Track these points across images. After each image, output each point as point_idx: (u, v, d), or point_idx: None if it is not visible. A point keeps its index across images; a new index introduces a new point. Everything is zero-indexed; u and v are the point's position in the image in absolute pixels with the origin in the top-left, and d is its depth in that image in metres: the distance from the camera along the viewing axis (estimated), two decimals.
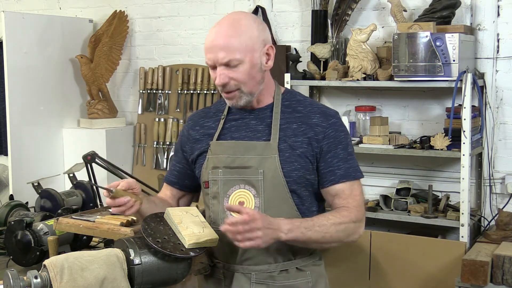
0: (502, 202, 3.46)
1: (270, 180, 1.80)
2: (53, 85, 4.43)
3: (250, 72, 1.78)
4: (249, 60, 1.77)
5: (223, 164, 1.85)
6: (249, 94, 1.82)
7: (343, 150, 1.83)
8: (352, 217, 1.79)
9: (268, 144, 1.82)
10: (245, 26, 1.78)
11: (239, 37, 1.76)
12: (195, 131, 1.97)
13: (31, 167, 4.20)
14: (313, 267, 1.90)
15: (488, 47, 3.46)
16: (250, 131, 1.87)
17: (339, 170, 1.82)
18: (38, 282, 1.64)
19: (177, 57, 4.51)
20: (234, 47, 1.76)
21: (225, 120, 1.91)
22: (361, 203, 1.85)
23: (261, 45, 1.80)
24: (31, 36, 4.25)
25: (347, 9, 3.72)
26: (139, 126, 4.57)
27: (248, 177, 1.82)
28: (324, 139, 1.82)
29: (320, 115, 1.85)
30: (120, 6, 4.61)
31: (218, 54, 1.77)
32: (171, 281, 1.82)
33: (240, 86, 1.80)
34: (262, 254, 1.83)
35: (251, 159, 1.82)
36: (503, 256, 2.86)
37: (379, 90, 3.74)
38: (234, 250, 1.84)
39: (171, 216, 1.85)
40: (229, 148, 1.86)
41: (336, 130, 1.84)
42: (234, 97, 1.83)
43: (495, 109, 3.47)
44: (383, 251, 3.33)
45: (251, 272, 1.85)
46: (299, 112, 1.86)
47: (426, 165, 3.66)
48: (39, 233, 2.54)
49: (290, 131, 1.83)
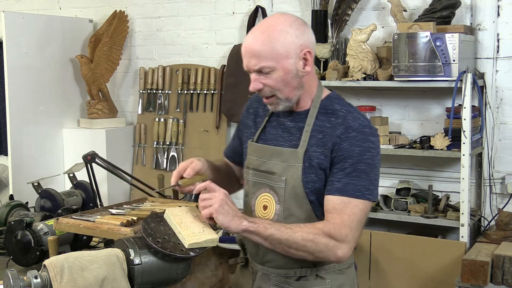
0: (502, 202, 3.46)
1: (291, 189, 1.79)
2: (53, 85, 4.43)
3: (284, 78, 1.75)
4: (282, 67, 1.74)
5: (252, 166, 1.89)
6: (286, 100, 1.80)
7: (351, 166, 1.73)
8: (325, 230, 1.68)
9: (294, 151, 1.80)
10: (278, 32, 1.74)
11: (270, 44, 1.73)
12: (248, 114, 2.00)
13: (31, 167, 4.20)
14: (336, 275, 1.85)
15: (488, 47, 3.46)
16: (285, 133, 1.86)
17: (338, 183, 1.73)
18: (38, 282, 1.64)
19: (177, 57, 4.51)
20: (265, 55, 1.73)
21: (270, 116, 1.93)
22: (348, 223, 1.69)
23: (297, 50, 1.75)
24: (31, 36, 4.25)
25: (347, 9, 3.72)
26: (139, 126, 4.57)
27: (272, 183, 1.83)
28: (337, 150, 1.75)
29: (343, 127, 1.77)
30: (120, 6, 4.61)
31: (250, 61, 1.76)
32: (171, 281, 1.82)
33: (275, 92, 1.78)
34: (280, 258, 1.82)
35: (276, 165, 1.82)
36: (503, 256, 2.86)
37: (379, 90, 3.74)
38: (256, 250, 1.89)
39: (171, 216, 1.85)
40: (258, 151, 1.88)
41: (351, 144, 1.74)
42: (272, 103, 1.82)
43: (495, 109, 3.47)
44: (383, 251, 3.33)
45: (271, 274, 1.87)
46: (330, 122, 1.80)
47: (426, 165, 3.66)
48: (39, 233, 2.53)
49: (314, 140, 1.79)
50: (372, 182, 1.74)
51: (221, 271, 2.45)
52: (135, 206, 2.67)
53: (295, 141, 1.82)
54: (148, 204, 2.74)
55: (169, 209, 1.88)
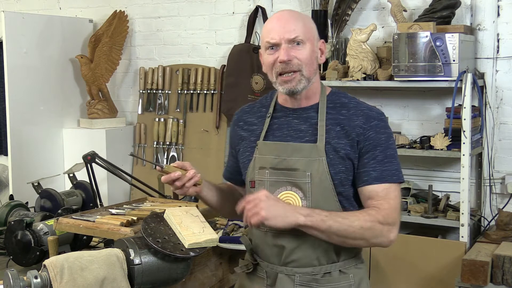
0: (502, 202, 3.46)
1: (318, 183, 1.79)
2: (53, 85, 4.43)
3: (311, 55, 1.82)
4: (311, 44, 1.82)
5: (269, 165, 1.85)
6: (307, 78, 1.82)
7: (381, 153, 1.80)
8: (379, 217, 1.74)
9: (314, 146, 1.80)
10: (305, 16, 1.88)
11: (303, 21, 1.83)
12: (240, 127, 1.98)
13: (31, 167, 4.20)
14: (356, 269, 1.88)
15: (488, 47, 3.46)
16: (292, 131, 1.86)
17: (374, 171, 1.79)
18: (38, 282, 1.64)
19: (177, 57, 4.51)
20: (300, 27, 1.80)
21: (270, 117, 1.91)
22: (396, 207, 1.79)
23: (318, 39, 1.86)
24: (31, 36, 4.25)
25: (347, 9, 3.72)
26: (139, 126, 4.57)
27: (295, 180, 1.81)
28: (364, 140, 1.80)
29: (363, 117, 1.82)
30: (120, 6, 4.61)
31: (286, 30, 1.79)
32: (171, 281, 1.82)
33: (302, 67, 1.80)
34: (307, 256, 1.82)
35: (298, 161, 1.81)
36: (503, 256, 2.86)
37: (379, 90, 3.74)
38: (279, 252, 1.84)
39: (171, 216, 1.85)
40: (276, 149, 1.85)
41: (377, 132, 1.81)
42: (293, 80, 1.82)
43: (495, 109, 3.47)
44: (383, 251, 3.33)
45: (295, 274, 1.84)
46: (342, 115, 1.84)
47: (426, 165, 3.66)
48: (39, 233, 2.53)
49: (334, 133, 1.82)
50: (399, 165, 1.84)
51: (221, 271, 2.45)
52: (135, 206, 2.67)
53: (308, 137, 1.83)
54: (148, 204, 2.74)
55: (169, 209, 1.88)
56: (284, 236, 1.81)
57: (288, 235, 1.80)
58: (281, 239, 1.82)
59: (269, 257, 1.87)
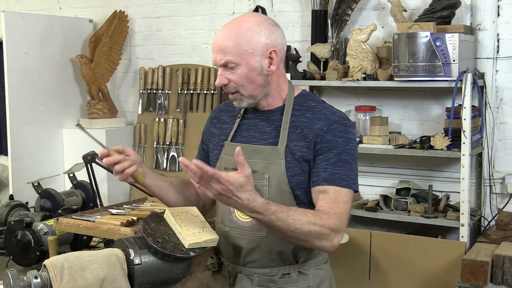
0: (502, 202, 3.46)
1: (275, 186, 1.80)
2: (53, 85, 4.43)
3: (248, 75, 1.79)
4: (246, 63, 1.78)
5: (232, 166, 1.83)
6: (249, 97, 1.82)
7: (335, 156, 1.77)
8: (330, 223, 1.69)
9: (275, 148, 1.81)
10: (246, 29, 1.78)
11: (236, 40, 1.77)
12: (213, 124, 2.00)
13: (31, 167, 4.20)
14: (316, 270, 1.89)
15: (488, 47, 3.46)
16: (258, 132, 1.87)
17: (324, 173, 1.76)
18: (38, 282, 1.64)
19: (177, 57, 4.51)
20: (230, 50, 1.77)
21: (241, 118, 1.93)
22: (345, 212, 1.74)
23: (263, 49, 1.78)
24: (31, 36, 4.25)
25: (347, 9, 3.72)
26: (139, 126, 4.57)
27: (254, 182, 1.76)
28: (321, 142, 1.79)
29: (324, 121, 1.81)
30: (120, 6, 4.61)
31: (217, 55, 1.80)
32: (171, 281, 1.82)
33: (239, 88, 1.81)
34: (264, 257, 1.83)
35: (257, 163, 1.82)
36: (503, 256, 2.86)
37: (379, 90, 3.74)
38: (238, 251, 1.86)
39: (171, 216, 1.85)
40: None
41: (334, 135, 1.79)
42: (235, 99, 1.85)
43: (495, 109, 3.47)
44: (383, 251, 3.33)
45: (254, 274, 1.85)
46: (306, 117, 1.84)
47: (426, 165, 3.66)
48: (39, 233, 2.54)
49: (294, 135, 1.82)
50: (354, 172, 1.79)
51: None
52: (135, 206, 2.68)
53: (271, 139, 1.84)
54: (148, 204, 2.74)
55: (169, 209, 1.88)
56: (242, 237, 1.83)
57: (246, 236, 1.82)
58: (239, 240, 1.84)
59: (229, 257, 1.90)
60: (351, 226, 3.65)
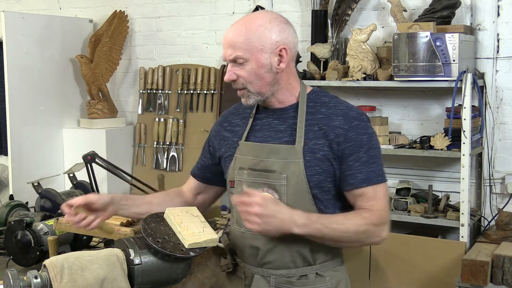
0: (502, 202, 3.46)
1: (294, 185, 1.78)
2: (53, 85, 4.43)
3: (257, 72, 1.78)
4: (256, 60, 1.77)
5: (248, 166, 1.84)
6: (257, 94, 1.82)
7: (365, 154, 1.78)
8: (373, 219, 1.75)
9: (292, 147, 1.79)
10: (256, 25, 1.78)
11: (246, 35, 1.77)
12: (223, 127, 1.98)
13: (31, 167, 4.20)
14: (333, 272, 1.87)
15: (488, 47, 3.46)
16: (273, 131, 1.85)
17: (360, 174, 1.77)
18: (38, 282, 1.64)
19: (177, 57, 4.51)
20: (240, 45, 1.77)
21: (253, 118, 1.91)
22: (385, 206, 1.80)
23: (273, 46, 1.78)
24: (31, 36, 4.25)
25: (347, 9, 3.72)
26: (139, 126, 4.57)
27: (271, 181, 1.80)
28: (345, 142, 1.77)
29: (342, 117, 1.80)
30: (120, 6, 4.61)
31: (227, 50, 1.80)
32: (171, 281, 1.82)
33: (247, 85, 1.81)
34: (282, 258, 1.82)
35: (275, 163, 1.80)
36: (503, 256, 2.86)
37: (379, 90, 3.74)
38: (255, 252, 1.84)
39: (171, 216, 1.85)
40: (254, 150, 1.84)
41: (358, 133, 1.78)
42: (243, 96, 1.84)
43: (495, 109, 3.47)
44: (383, 251, 3.33)
45: (271, 275, 1.84)
46: (321, 113, 1.82)
47: (426, 165, 3.66)
48: (39, 233, 2.54)
49: (311, 133, 1.80)
50: (382, 165, 1.83)
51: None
52: None
53: (287, 137, 1.82)
54: None
55: (169, 209, 1.88)
56: (259, 238, 1.81)
57: (263, 237, 1.80)
58: (256, 241, 1.83)
59: (246, 258, 1.88)
60: None
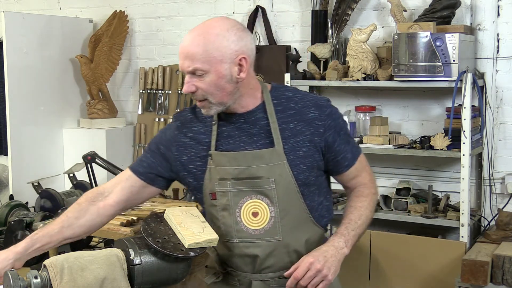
0: (502, 202, 3.46)
1: (283, 187, 1.77)
2: (53, 85, 4.43)
3: (217, 83, 1.73)
4: (215, 71, 1.71)
5: (231, 176, 1.79)
6: (219, 104, 1.76)
7: (344, 135, 1.88)
8: (372, 190, 1.92)
9: (274, 150, 1.77)
10: (214, 36, 1.71)
11: (205, 46, 1.70)
12: (183, 133, 1.89)
13: (31, 167, 4.20)
14: None
15: (488, 47, 3.46)
16: (245, 136, 1.81)
17: (348, 153, 1.88)
18: (38, 282, 1.64)
19: (177, 57, 4.45)
20: (198, 57, 1.71)
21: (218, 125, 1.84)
22: (370, 170, 1.96)
23: (232, 56, 1.72)
24: (31, 36, 4.25)
25: (347, 9, 3.72)
26: (139, 126, 4.57)
27: (259, 188, 1.78)
28: (326, 131, 1.81)
29: (315, 108, 1.81)
30: (120, 6, 4.61)
31: (184, 62, 1.74)
32: (171, 281, 1.82)
33: (207, 96, 1.75)
34: (280, 261, 1.81)
35: (259, 168, 1.77)
36: (503, 256, 2.86)
37: (379, 90, 3.74)
38: (253, 260, 1.82)
39: (171, 216, 1.85)
40: (235, 159, 1.79)
41: (333, 119, 1.84)
42: (204, 107, 1.79)
43: (495, 109, 3.47)
44: (383, 251, 3.33)
45: (270, 279, 1.83)
46: (291, 109, 1.81)
47: (426, 165, 3.66)
48: None
49: (288, 131, 1.79)
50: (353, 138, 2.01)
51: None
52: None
53: (263, 140, 1.79)
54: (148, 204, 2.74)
55: (169, 209, 1.88)
56: (256, 245, 1.79)
57: (260, 244, 1.79)
58: (253, 248, 1.80)
59: (241, 266, 1.85)
60: None
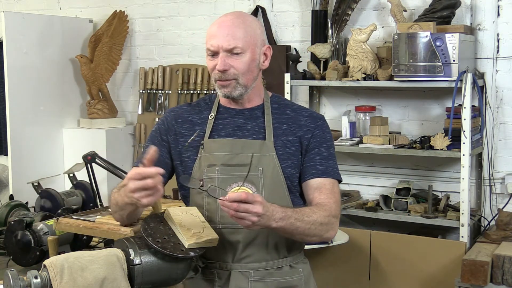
0: (502, 202, 3.46)
1: (270, 177, 1.84)
2: (53, 85, 4.43)
3: (250, 64, 1.84)
4: (251, 53, 1.83)
5: (220, 162, 1.85)
6: (244, 86, 1.85)
7: (326, 150, 1.90)
8: (333, 212, 1.82)
9: (264, 143, 1.86)
10: (250, 21, 1.86)
11: (245, 28, 1.82)
12: (179, 124, 1.94)
13: (31, 167, 4.20)
14: (304, 264, 1.95)
15: (488, 47, 3.46)
16: (238, 130, 1.90)
17: (320, 166, 1.88)
18: (38, 282, 1.64)
19: (177, 57, 4.51)
20: (239, 36, 1.81)
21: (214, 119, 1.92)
22: (339, 202, 1.89)
23: (262, 43, 1.87)
24: (31, 36, 4.25)
25: (347, 9, 3.72)
26: (139, 126, 4.57)
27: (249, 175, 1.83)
28: (312, 137, 1.89)
29: (308, 118, 1.93)
30: (120, 6, 4.61)
31: (224, 39, 1.80)
32: (171, 281, 1.82)
33: (238, 76, 1.83)
34: (260, 251, 1.85)
35: (249, 157, 1.84)
36: (503, 256, 2.86)
37: (379, 90, 3.74)
38: (234, 247, 1.85)
39: (171, 216, 1.85)
40: (226, 146, 1.87)
41: (323, 131, 1.91)
42: (229, 86, 1.84)
43: (495, 109, 3.47)
44: (383, 251, 3.33)
45: (249, 270, 1.85)
46: (288, 114, 1.93)
47: (426, 165, 3.66)
48: (39, 233, 2.53)
49: (281, 130, 1.89)
50: (336, 164, 1.94)
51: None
52: None
53: (255, 135, 1.88)
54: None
55: (169, 209, 1.88)
56: (238, 232, 1.83)
57: (243, 230, 1.79)
58: (235, 235, 1.84)
59: (221, 255, 1.87)
60: (351, 226, 3.66)
